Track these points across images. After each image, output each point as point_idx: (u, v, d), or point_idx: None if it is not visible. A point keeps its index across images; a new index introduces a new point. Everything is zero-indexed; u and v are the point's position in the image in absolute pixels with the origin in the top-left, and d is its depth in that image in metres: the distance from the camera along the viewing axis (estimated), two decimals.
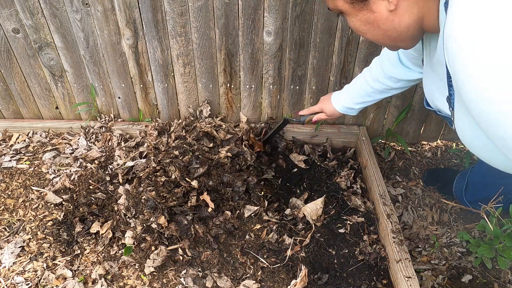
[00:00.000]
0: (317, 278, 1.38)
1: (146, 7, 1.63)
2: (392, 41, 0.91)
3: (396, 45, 0.94)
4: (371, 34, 0.91)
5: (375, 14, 0.85)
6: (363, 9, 0.85)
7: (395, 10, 0.82)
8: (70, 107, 2.01)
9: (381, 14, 0.84)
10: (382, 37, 0.90)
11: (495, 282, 1.42)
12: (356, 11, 0.86)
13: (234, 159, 1.74)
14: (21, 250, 1.49)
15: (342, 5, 0.87)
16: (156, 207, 1.49)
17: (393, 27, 0.86)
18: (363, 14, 0.86)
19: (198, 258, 1.42)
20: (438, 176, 1.79)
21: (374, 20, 0.86)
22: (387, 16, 0.84)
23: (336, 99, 1.53)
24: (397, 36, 0.89)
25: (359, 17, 0.88)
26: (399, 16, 0.83)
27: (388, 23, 0.85)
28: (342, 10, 0.89)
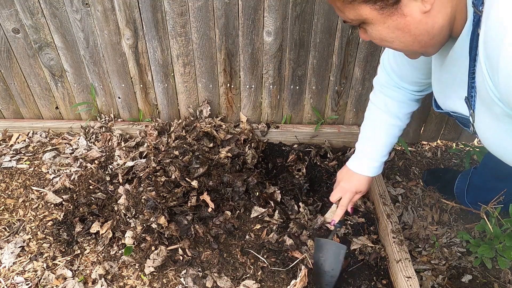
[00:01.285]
0: None
1: (146, 7, 1.63)
2: (422, 47, 0.84)
3: (424, 51, 0.86)
4: (399, 41, 0.83)
5: (407, 18, 0.77)
6: (394, 14, 0.77)
7: (429, 11, 0.76)
8: (70, 107, 2.01)
9: (414, 17, 0.77)
10: (411, 43, 0.83)
11: (495, 282, 1.42)
12: (384, 18, 0.79)
13: (234, 159, 1.75)
14: (21, 250, 1.49)
15: (369, 13, 0.79)
16: (156, 207, 1.49)
17: (426, 30, 0.79)
18: (393, 19, 0.78)
19: (198, 258, 1.42)
20: (438, 176, 1.79)
21: (405, 25, 0.78)
22: (420, 18, 0.77)
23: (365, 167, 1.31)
24: (429, 40, 0.81)
25: (387, 24, 0.80)
26: (433, 17, 0.77)
27: (421, 27, 0.78)
28: (367, 19, 0.81)
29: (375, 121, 1.30)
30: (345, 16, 0.84)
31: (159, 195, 1.53)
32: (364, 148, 1.33)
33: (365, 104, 1.91)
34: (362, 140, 1.34)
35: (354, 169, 1.34)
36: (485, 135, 0.88)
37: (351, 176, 1.35)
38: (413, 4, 0.75)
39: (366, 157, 1.32)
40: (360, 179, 1.34)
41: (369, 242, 1.47)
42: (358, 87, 1.85)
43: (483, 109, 0.81)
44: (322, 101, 1.92)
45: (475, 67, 0.78)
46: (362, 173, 1.33)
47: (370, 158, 1.31)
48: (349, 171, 1.36)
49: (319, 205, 1.64)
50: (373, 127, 1.31)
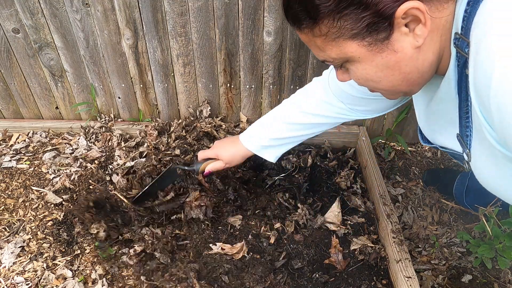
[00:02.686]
0: (317, 278, 1.38)
1: (146, 7, 1.63)
2: (410, 85, 0.78)
3: (410, 89, 0.80)
4: (386, 81, 0.76)
5: (398, 55, 0.71)
6: (383, 50, 0.70)
7: (421, 46, 0.70)
8: (70, 107, 2.01)
9: (405, 53, 0.71)
10: (400, 82, 0.76)
11: (495, 282, 1.42)
12: (373, 55, 0.72)
13: None
14: (21, 250, 1.49)
15: (355, 50, 0.72)
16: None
17: (416, 67, 0.73)
18: (382, 57, 0.71)
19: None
20: (438, 176, 1.79)
21: (395, 62, 0.72)
22: (411, 54, 0.71)
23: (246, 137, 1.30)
24: (418, 77, 0.76)
25: (375, 62, 0.73)
26: (424, 53, 0.71)
27: (411, 63, 0.72)
28: (353, 57, 0.73)
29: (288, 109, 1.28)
30: (326, 55, 0.76)
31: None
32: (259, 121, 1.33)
33: None
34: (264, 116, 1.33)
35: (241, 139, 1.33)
36: (482, 174, 0.83)
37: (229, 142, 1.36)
38: (405, 38, 0.69)
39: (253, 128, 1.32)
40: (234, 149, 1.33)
41: (369, 242, 1.47)
42: None
43: (481, 149, 0.77)
44: None
45: (468, 107, 0.74)
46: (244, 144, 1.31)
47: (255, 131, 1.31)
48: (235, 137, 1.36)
49: (319, 205, 1.64)
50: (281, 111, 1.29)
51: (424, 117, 0.97)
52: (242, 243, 1.43)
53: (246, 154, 1.32)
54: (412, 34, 0.69)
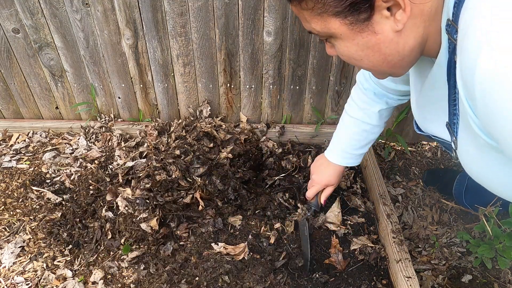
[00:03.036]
0: (317, 278, 1.38)
1: (146, 7, 1.63)
2: (391, 67, 0.80)
3: (393, 71, 0.83)
4: (367, 60, 0.79)
5: (378, 36, 0.73)
6: (364, 30, 0.73)
7: (401, 30, 0.72)
8: (70, 107, 2.01)
9: (385, 36, 0.73)
10: (381, 63, 0.79)
11: (495, 282, 1.42)
12: (354, 34, 0.74)
13: (234, 159, 1.75)
14: (21, 250, 1.49)
15: (338, 27, 0.74)
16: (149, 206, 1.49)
17: (397, 50, 0.75)
18: (362, 37, 0.74)
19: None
20: (438, 176, 1.79)
21: (375, 43, 0.74)
22: (392, 37, 0.73)
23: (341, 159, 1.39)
24: (398, 61, 0.78)
25: (356, 41, 0.75)
26: (404, 37, 0.73)
27: (391, 46, 0.74)
28: (335, 33, 0.76)
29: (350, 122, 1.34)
30: (311, 27, 0.79)
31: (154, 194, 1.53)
32: (340, 142, 1.39)
33: None
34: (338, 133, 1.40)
35: (328, 157, 1.42)
36: (467, 162, 0.85)
37: (323, 166, 1.44)
38: (385, 22, 0.71)
39: (341, 148, 1.39)
40: (332, 170, 1.42)
41: (369, 242, 1.47)
42: None
43: (466, 137, 0.78)
44: (322, 101, 1.92)
45: (455, 94, 0.75)
46: (335, 162, 1.39)
47: (343, 150, 1.38)
48: (323, 162, 1.44)
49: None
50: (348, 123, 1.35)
51: (417, 104, 0.98)
52: (244, 244, 1.43)
53: (342, 169, 1.45)
54: (393, 18, 0.71)
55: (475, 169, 0.84)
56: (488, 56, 0.58)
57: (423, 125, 0.98)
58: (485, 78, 0.59)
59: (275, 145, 1.91)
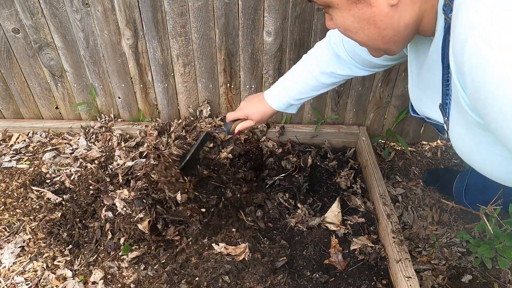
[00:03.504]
0: (317, 278, 1.38)
1: (146, 7, 1.63)
2: (386, 43, 0.82)
3: (387, 48, 0.84)
4: (363, 33, 0.80)
5: (373, 9, 0.74)
6: (359, 2, 0.74)
7: (397, 5, 0.74)
8: (70, 107, 2.01)
9: (380, 9, 0.74)
10: (375, 37, 0.80)
11: (495, 282, 1.42)
12: (349, 5, 0.76)
13: (234, 159, 1.75)
14: (21, 250, 1.49)
15: None
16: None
17: (392, 25, 0.77)
18: (358, 8, 0.75)
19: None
20: (438, 176, 1.79)
21: (371, 16, 0.76)
22: (387, 11, 0.74)
23: (273, 98, 1.35)
24: (393, 36, 0.79)
25: (352, 12, 0.77)
26: (400, 12, 0.75)
27: (386, 20, 0.76)
28: (333, 2, 0.77)
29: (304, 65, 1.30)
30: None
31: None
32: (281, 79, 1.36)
33: (365, 104, 1.91)
34: (286, 74, 1.36)
35: (266, 98, 1.37)
36: (458, 143, 0.87)
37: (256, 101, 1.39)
38: None
39: (276, 87, 1.35)
40: (261, 107, 1.37)
41: (369, 242, 1.47)
42: (358, 87, 1.85)
43: (457, 117, 0.80)
44: (322, 101, 1.92)
45: (449, 74, 0.76)
46: (270, 103, 1.35)
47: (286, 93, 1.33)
48: (258, 96, 1.40)
49: (319, 205, 1.64)
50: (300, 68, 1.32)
51: (414, 86, 0.99)
52: (245, 245, 1.43)
53: (273, 112, 1.39)
54: None
55: (464, 149, 0.86)
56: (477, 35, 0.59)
57: (419, 107, 0.99)
58: (474, 53, 0.60)
59: (275, 145, 1.91)
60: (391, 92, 1.86)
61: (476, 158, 0.86)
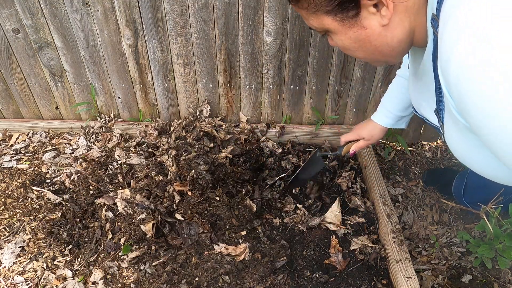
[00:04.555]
0: (317, 278, 1.38)
1: (146, 7, 1.63)
2: (384, 57, 0.88)
3: (386, 60, 0.91)
4: (362, 50, 0.87)
5: (367, 30, 0.81)
6: (354, 26, 0.81)
7: (388, 25, 0.79)
8: (70, 107, 2.01)
9: (373, 30, 0.81)
10: (373, 52, 0.87)
11: (495, 282, 1.42)
12: (345, 29, 0.82)
13: (234, 159, 1.75)
14: (21, 250, 1.49)
15: (331, 23, 0.83)
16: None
17: (386, 42, 0.83)
18: (353, 31, 0.82)
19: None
20: (438, 176, 1.79)
21: (365, 36, 0.82)
22: (380, 31, 0.81)
23: (378, 116, 1.43)
24: (389, 51, 0.86)
25: (349, 35, 0.83)
26: (392, 30, 0.81)
27: (380, 39, 0.82)
28: (329, 28, 0.84)
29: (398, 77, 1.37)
30: (310, 24, 0.87)
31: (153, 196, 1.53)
32: (383, 99, 1.43)
33: (365, 104, 1.91)
34: (385, 94, 1.43)
35: (372, 116, 1.47)
36: (453, 146, 0.91)
37: (365, 122, 1.49)
38: (372, 17, 0.79)
39: (382, 106, 1.43)
40: (370, 125, 1.46)
41: (369, 242, 1.47)
42: (358, 87, 1.85)
43: (450, 122, 0.85)
44: (322, 101, 1.92)
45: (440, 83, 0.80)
46: (374, 120, 1.44)
47: (384, 108, 1.41)
48: (368, 119, 1.49)
49: (319, 205, 1.64)
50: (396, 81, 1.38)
51: (413, 90, 1.04)
52: (245, 245, 1.43)
53: (382, 129, 1.46)
54: (379, 14, 0.78)
55: (459, 151, 0.91)
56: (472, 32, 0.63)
57: (418, 107, 1.05)
58: (458, 67, 0.64)
59: (275, 145, 1.91)
60: None
61: (472, 159, 0.91)
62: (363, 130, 1.48)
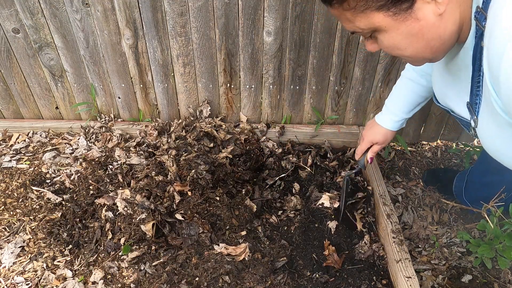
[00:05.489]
0: (317, 278, 1.38)
1: (146, 7, 1.63)
2: (432, 53, 0.84)
3: (433, 57, 0.86)
4: (412, 48, 0.82)
5: (421, 22, 0.77)
6: (407, 19, 0.76)
7: (443, 14, 0.76)
8: (70, 107, 2.01)
9: (427, 21, 0.77)
10: (423, 49, 0.82)
11: (495, 282, 1.42)
12: (398, 24, 0.78)
13: (234, 159, 1.75)
14: (21, 250, 1.49)
15: (382, 20, 0.78)
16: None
17: (438, 35, 0.79)
18: (406, 25, 0.77)
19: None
20: (438, 176, 1.79)
21: (419, 29, 0.78)
22: (434, 22, 0.77)
23: (385, 120, 1.42)
24: (440, 45, 0.81)
25: (401, 30, 0.79)
26: (445, 21, 0.77)
27: (433, 31, 0.78)
28: (380, 26, 0.79)
29: (402, 78, 1.36)
30: (355, 26, 0.81)
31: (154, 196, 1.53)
32: (388, 102, 1.42)
33: (365, 104, 1.91)
34: (389, 95, 1.42)
35: (376, 120, 1.45)
36: (486, 140, 0.91)
37: (372, 127, 1.47)
38: (427, 7, 0.75)
39: (388, 110, 1.41)
40: (379, 130, 1.44)
41: (369, 242, 1.47)
42: (358, 87, 1.85)
43: (488, 117, 0.84)
44: (322, 101, 1.92)
45: (479, 77, 0.80)
46: (381, 124, 1.42)
47: (391, 112, 1.40)
48: (373, 122, 1.47)
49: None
50: (400, 84, 1.37)
51: (440, 82, 1.03)
52: (245, 245, 1.43)
53: (391, 133, 1.45)
54: (434, 2, 0.75)
55: (493, 145, 0.90)
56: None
57: (443, 99, 1.03)
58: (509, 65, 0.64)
59: (275, 145, 1.92)
60: None
61: (504, 153, 0.90)
62: (376, 135, 1.45)
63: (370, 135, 1.47)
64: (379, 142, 1.46)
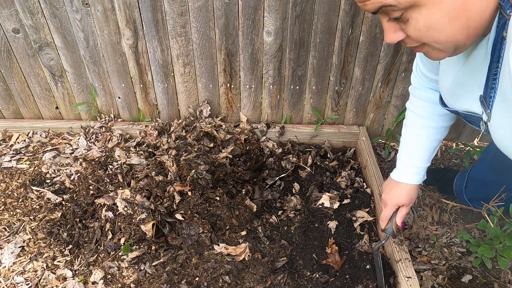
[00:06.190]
0: (317, 278, 1.38)
1: (146, 7, 1.63)
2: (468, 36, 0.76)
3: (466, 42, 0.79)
4: (449, 28, 0.75)
5: None
6: None
7: None
8: (70, 107, 2.01)
9: None
10: (460, 30, 0.75)
11: (495, 282, 1.42)
12: None
13: (234, 159, 1.75)
14: (21, 250, 1.49)
15: None
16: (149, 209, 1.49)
17: (480, 12, 0.72)
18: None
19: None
20: (438, 176, 1.79)
21: (462, 2, 0.71)
22: None
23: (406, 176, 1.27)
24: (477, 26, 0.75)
25: (443, 4, 0.71)
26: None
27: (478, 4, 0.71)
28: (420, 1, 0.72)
29: (412, 127, 1.27)
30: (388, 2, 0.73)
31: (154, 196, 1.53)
32: (402, 155, 1.29)
33: (365, 104, 1.91)
34: (401, 148, 1.31)
35: (395, 178, 1.31)
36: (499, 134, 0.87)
37: (392, 187, 1.31)
38: None
39: (404, 164, 1.28)
40: (402, 188, 1.28)
41: (369, 242, 1.47)
42: (358, 87, 1.85)
43: (502, 110, 0.81)
44: (322, 101, 1.92)
45: (497, 68, 0.77)
46: (402, 181, 1.28)
47: (410, 165, 1.27)
48: (391, 182, 1.33)
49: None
50: (411, 133, 1.27)
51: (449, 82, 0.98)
52: (245, 245, 1.43)
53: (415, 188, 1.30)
54: None
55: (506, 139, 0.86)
56: None
57: (452, 101, 1.00)
58: None
59: (275, 145, 1.92)
60: (391, 92, 1.86)
61: None
62: (400, 196, 1.29)
63: (393, 198, 1.30)
64: (406, 203, 1.29)
